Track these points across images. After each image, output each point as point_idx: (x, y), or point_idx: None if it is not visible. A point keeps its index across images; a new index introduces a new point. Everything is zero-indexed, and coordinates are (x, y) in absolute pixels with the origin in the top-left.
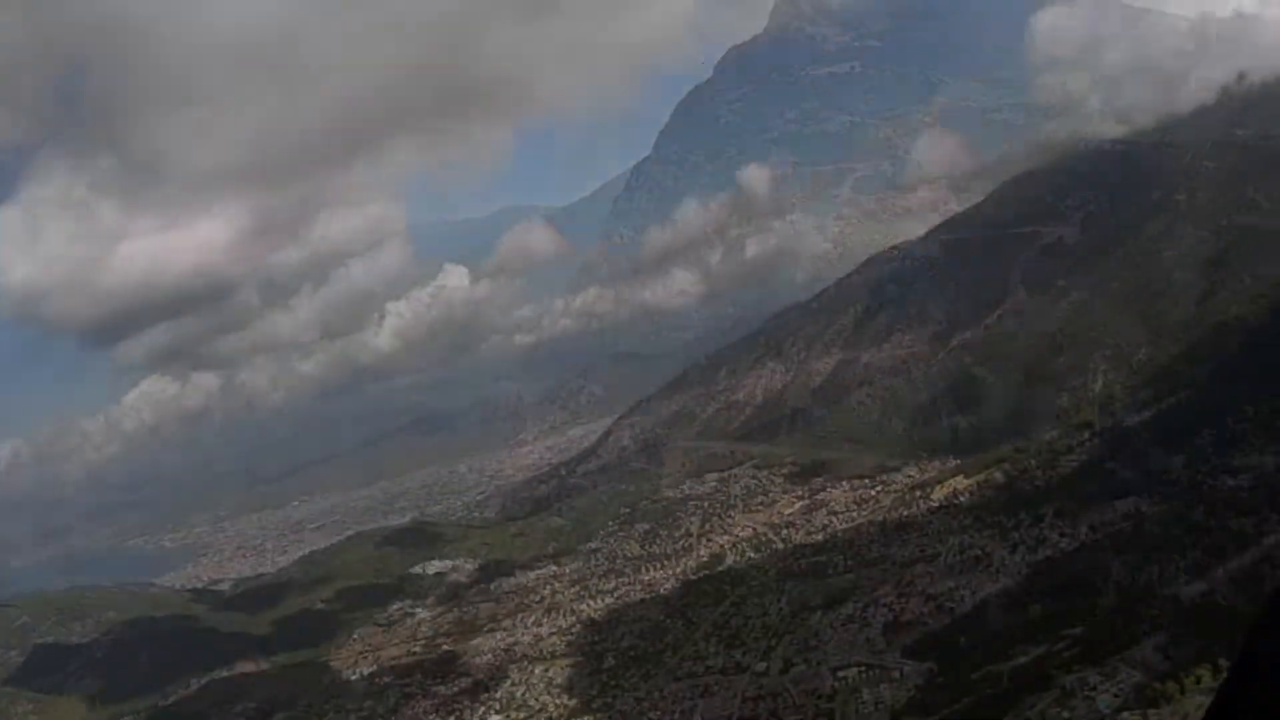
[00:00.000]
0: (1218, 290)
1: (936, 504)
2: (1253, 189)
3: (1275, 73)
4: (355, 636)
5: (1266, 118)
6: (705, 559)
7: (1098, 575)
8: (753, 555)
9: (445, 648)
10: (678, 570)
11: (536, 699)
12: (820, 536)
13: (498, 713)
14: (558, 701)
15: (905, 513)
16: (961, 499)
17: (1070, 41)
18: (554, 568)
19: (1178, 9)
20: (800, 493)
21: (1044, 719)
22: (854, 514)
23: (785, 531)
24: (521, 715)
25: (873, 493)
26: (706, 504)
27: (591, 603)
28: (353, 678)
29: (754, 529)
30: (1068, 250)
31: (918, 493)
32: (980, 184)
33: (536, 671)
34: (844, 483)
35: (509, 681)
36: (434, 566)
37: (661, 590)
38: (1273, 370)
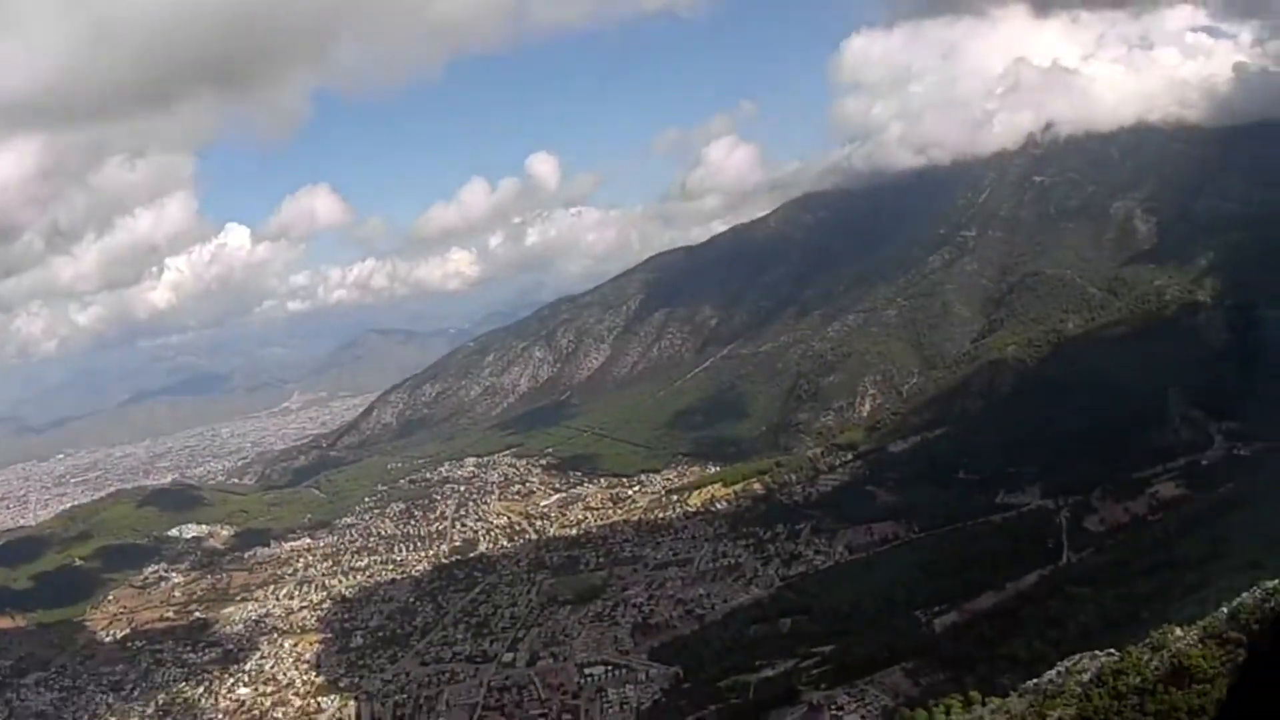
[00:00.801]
0: (996, 329)
1: (693, 509)
2: (1043, 236)
3: (1083, 127)
4: (111, 597)
5: (1068, 169)
6: (459, 543)
7: (851, 595)
8: (506, 544)
9: (198, 615)
10: (430, 553)
11: (285, 674)
12: (574, 531)
13: (246, 685)
14: (305, 678)
15: (661, 515)
16: (719, 506)
17: (879, 68)
18: (308, 540)
19: (994, 51)
20: (558, 485)
21: None
22: (609, 511)
23: (540, 523)
24: (269, 689)
25: (630, 492)
26: (464, 488)
27: (343, 579)
28: (107, 640)
29: (509, 517)
30: (848, 272)
31: (675, 496)
32: (768, 197)
33: (286, 645)
34: (602, 479)
35: (259, 654)
36: (191, 530)
37: (413, 571)
38: (1043, 413)
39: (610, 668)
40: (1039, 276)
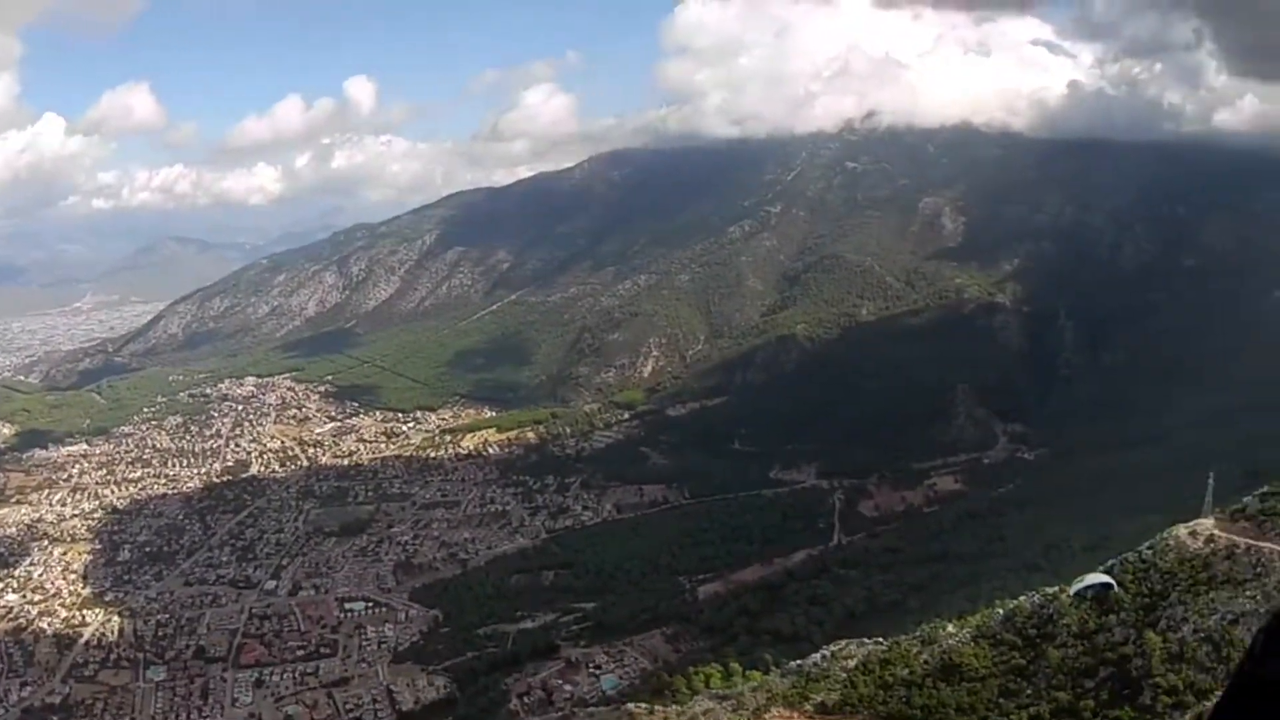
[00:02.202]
0: (788, 305)
1: (465, 451)
2: (848, 221)
3: (905, 120)
4: None
5: (882, 159)
6: (231, 463)
7: (616, 555)
8: (278, 468)
9: None
10: (203, 470)
11: (53, 582)
12: (346, 462)
13: (15, 591)
14: (73, 588)
15: (433, 454)
16: (491, 451)
17: (710, 35)
18: (86, 447)
19: (829, 34)
20: (334, 413)
21: (545, 688)
22: (382, 445)
23: (313, 450)
24: (37, 598)
25: (405, 427)
26: (241, 408)
27: (116, 489)
28: None
29: (283, 441)
30: (646, 232)
31: (449, 436)
32: (578, 149)
33: (56, 554)
34: (378, 412)
35: (29, 560)
36: None
37: (185, 488)
38: (827, 394)
39: (371, 604)
40: (838, 260)
